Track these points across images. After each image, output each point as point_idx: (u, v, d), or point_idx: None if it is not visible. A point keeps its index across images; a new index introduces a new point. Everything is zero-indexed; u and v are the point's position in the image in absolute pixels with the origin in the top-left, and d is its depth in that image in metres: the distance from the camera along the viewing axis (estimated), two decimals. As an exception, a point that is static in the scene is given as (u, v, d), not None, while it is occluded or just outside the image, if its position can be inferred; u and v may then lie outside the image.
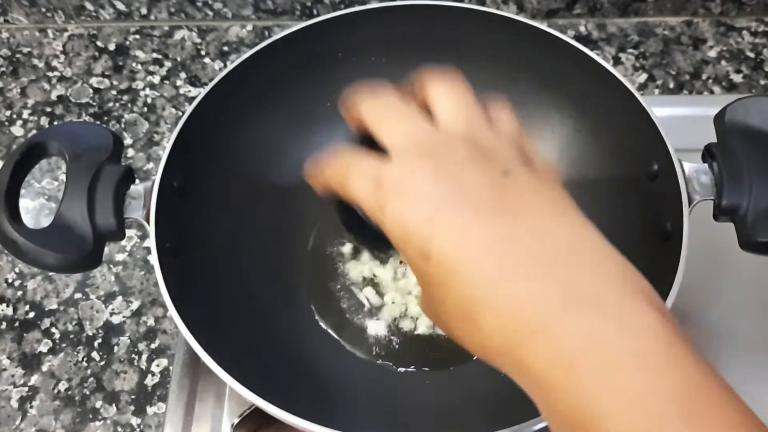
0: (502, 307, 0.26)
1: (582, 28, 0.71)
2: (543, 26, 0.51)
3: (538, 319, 0.26)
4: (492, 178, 0.29)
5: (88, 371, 0.55)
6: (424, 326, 0.51)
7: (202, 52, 0.70)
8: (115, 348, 0.56)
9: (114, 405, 0.53)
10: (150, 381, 0.54)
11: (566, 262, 0.27)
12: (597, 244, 0.28)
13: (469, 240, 0.27)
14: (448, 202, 0.28)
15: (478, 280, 0.27)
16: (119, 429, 0.53)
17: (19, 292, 0.58)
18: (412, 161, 0.29)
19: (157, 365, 0.55)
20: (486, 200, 0.28)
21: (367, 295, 0.53)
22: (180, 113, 0.67)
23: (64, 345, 0.56)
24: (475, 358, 0.50)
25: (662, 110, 0.49)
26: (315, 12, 0.70)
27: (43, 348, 0.56)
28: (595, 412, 0.24)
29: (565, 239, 0.28)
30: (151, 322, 0.57)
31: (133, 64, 0.70)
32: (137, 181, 0.45)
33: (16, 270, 0.59)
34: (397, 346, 0.51)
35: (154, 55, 0.70)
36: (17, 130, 0.67)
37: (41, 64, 0.70)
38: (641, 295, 0.26)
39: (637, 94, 0.47)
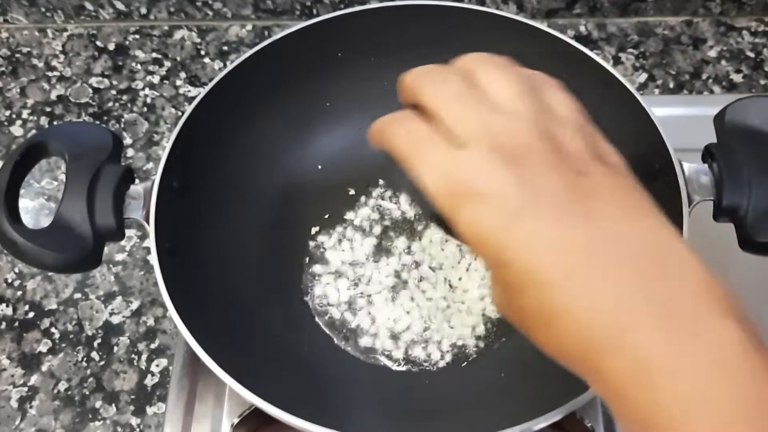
0: (581, 315, 0.26)
1: (582, 28, 0.71)
2: (543, 26, 0.51)
3: (615, 328, 0.25)
4: (568, 179, 0.27)
5: (88, 371, 0.55)
6: (422, 325, 0.51)
7: (202, 52, 0.70)
8: (115, 348, 0.56)
9: (114, 405, 0.53)
10: (150, 381, 0.54)
11: (647, 270, 0.26)
12: (678, 252, 0.27)
13: (548, 248, 0.26)
14: (526, 207, 0.27)
15: (557, 288, 0.26)
16: (119, 429, 0.53)
17: (19, 292, 0.58)
18: (487, 157, 0.27)
19: (157, 365, 0.55)
20: (563, 204, 0.27)
21: (367, 295, 0.52)
22: (180, 113, 0.67)
23: (63, 345, 0.56)
24: (474, 358, 0.50)
25: (662, 110, 0.49)
26: (315, 12, 0.70)
27: (43, 348, 0.56)
28: (669, 419, 0.24)
29: (646, 245, 0.27)
30: (150, 322, 0.57)
31: (133, 64, 0.70)
32: (137, 181, 0.45)
33: (16, 270, 0.59)
34: (396, 346, 0.51)
35: (154, 54, 0.70)
36: (17, 130, 0.67)
37: (41, 64, 0.70)
38: (723, 307, 0.26)
39: (637, 94, 0.47)
